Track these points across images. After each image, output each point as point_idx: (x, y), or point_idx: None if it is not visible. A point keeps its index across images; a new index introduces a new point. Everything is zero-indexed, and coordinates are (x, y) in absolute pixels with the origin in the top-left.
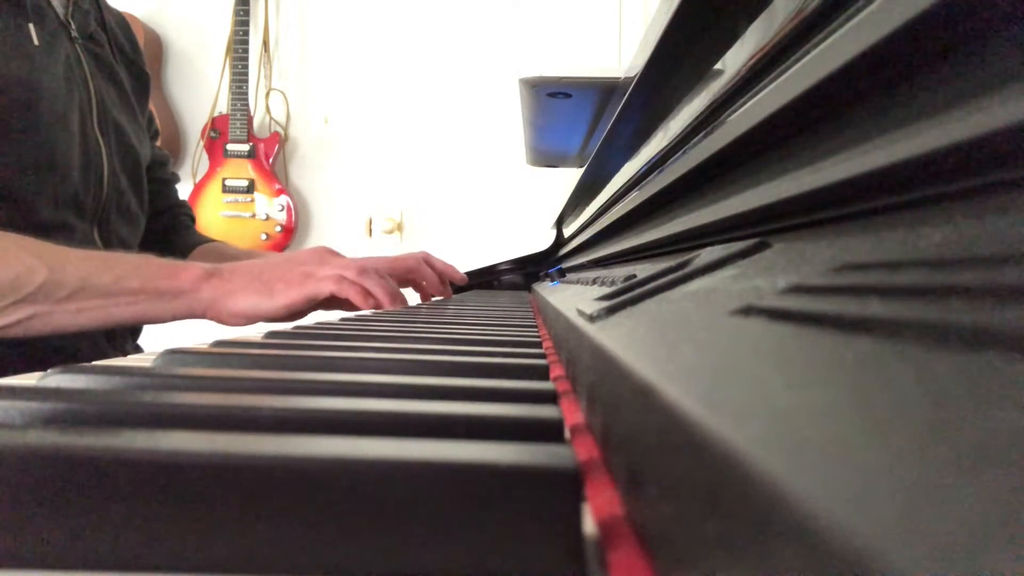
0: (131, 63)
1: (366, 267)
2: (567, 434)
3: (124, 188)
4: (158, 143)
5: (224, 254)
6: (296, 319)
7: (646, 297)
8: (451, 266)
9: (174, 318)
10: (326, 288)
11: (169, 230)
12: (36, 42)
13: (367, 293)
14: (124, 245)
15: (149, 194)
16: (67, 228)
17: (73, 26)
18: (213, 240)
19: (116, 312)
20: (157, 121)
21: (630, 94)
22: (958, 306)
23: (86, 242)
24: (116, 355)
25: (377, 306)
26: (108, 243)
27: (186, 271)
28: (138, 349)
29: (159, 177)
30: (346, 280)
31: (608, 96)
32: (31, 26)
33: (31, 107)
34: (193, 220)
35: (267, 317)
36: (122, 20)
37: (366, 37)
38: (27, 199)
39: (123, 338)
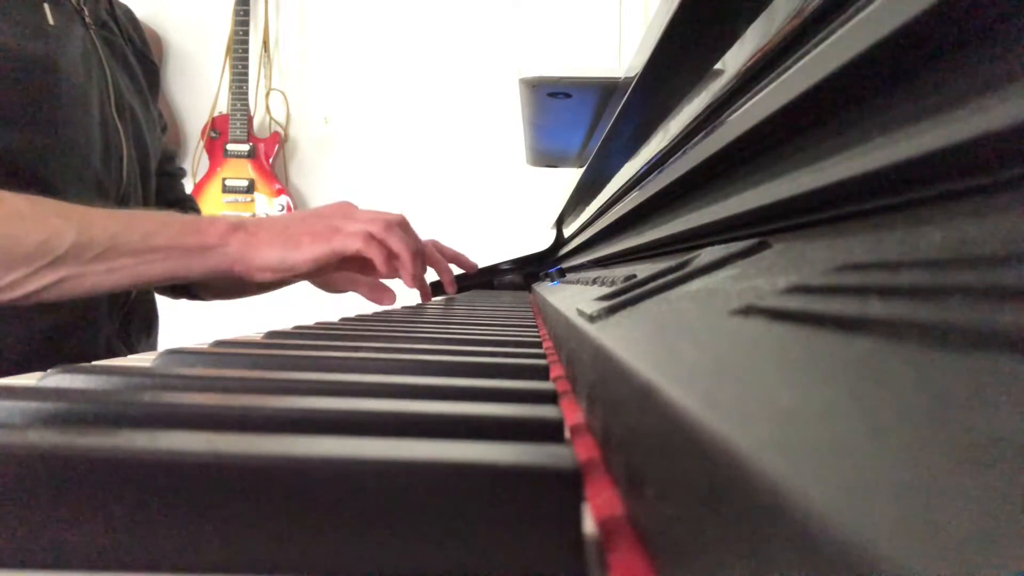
0: (140, 54)
1: (391, 222)
2: (567, 434)
3: (137, 176)
4: (165, 138)
5: None
6: (322, 274)
7: (646, 297)
8: (461, 253)
9: (204, 273)
10: (352, 245)
11: None
12: (52, 22)
13: (391, 254)
14: None
15: (158, 187)
16: None
17: (86, 12)
18: None
19: (146, 270)
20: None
21: (630, 94)
22: (958, 306)
23: None
24: (127, 354)
25: (399, 270)
26: None
27: (213, 225)
28: (153, 347)
29: (168, 171)
30: (374, 240)
31: (608, 96)
32: (46, 6)
33: (51, 87)
34: (199, 214)
35: (293, 270)
36: (130, 13)
37: (366, 37)
38: (52, 182)
39: (138, 336)
